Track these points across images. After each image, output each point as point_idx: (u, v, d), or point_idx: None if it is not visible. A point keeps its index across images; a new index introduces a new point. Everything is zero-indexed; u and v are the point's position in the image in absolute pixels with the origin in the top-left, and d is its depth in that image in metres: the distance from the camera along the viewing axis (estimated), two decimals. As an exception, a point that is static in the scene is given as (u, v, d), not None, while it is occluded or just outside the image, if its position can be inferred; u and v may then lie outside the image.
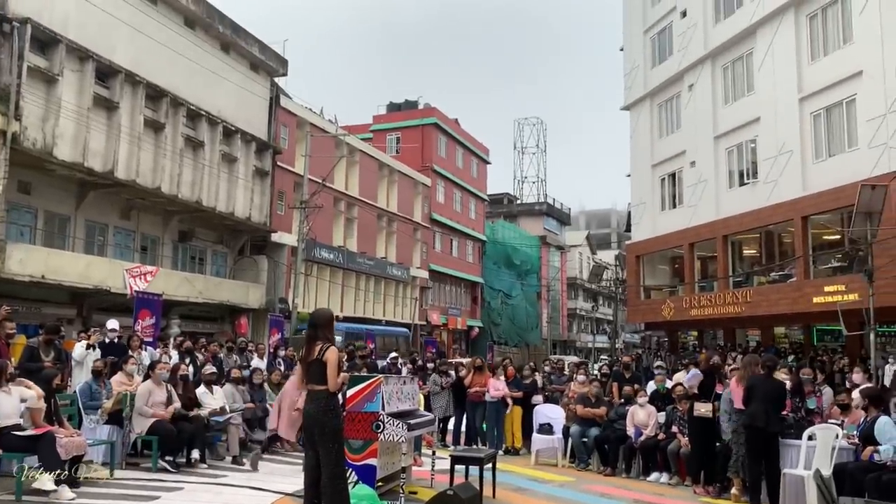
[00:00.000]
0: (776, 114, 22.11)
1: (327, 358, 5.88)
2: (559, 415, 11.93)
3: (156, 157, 22.99)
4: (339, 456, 5.96)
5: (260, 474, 9.20)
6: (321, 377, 5.98)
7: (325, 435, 5.95)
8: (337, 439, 5.98)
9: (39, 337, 10.23)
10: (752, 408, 8.43)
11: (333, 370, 5.89)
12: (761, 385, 8.51)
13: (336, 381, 6.01)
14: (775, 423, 8.46)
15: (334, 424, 5.98)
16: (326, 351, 5.92)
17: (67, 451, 7.49)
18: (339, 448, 6.02)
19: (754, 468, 8.45)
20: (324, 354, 5.91)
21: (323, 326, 6.19)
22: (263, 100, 28.89)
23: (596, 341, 67.09)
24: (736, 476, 8.76)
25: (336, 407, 6.02)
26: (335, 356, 5.93)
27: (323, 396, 6.01)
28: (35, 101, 18.83)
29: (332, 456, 5.87)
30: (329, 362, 5.87)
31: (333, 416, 5.95)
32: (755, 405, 8.41)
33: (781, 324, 25.13)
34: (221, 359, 13.19)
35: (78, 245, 21.56)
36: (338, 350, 6.07)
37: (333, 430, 5.97)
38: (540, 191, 72.09)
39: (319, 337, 6.12)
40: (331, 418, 5.95)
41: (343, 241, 34.43)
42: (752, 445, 8.44)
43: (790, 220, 21.27)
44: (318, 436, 6.08)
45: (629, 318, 36.43)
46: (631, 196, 31.76)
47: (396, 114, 45.32)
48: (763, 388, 8.47)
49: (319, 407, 6.05)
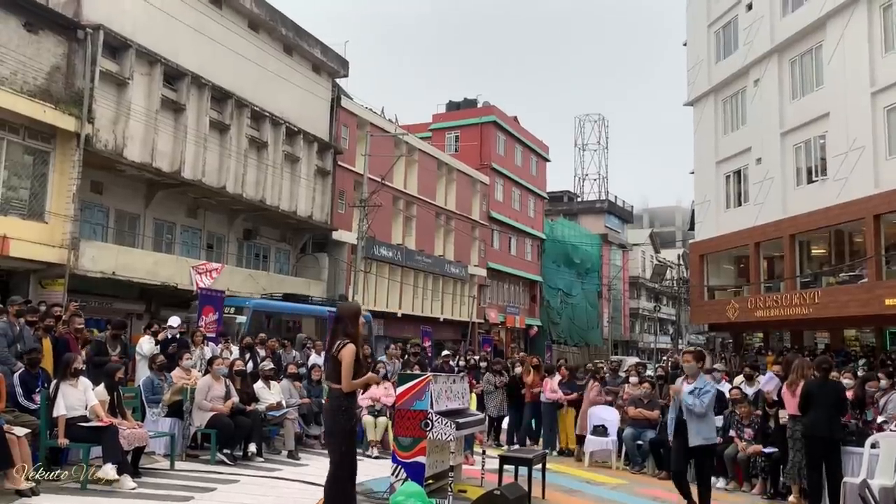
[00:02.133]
0: (846, 109, 21.33)
1: (342, 356, 5.58)
2: (614, 417, 11.79)
3: (221, 158, 23.62)
4: (343, 458, 5.63)
5: (313, 468, 9.39)
6: (336, 375, 5.69)
7: (332, 435, 5.75)
8: (344, 441, 5.66)
9: (107, 332, 10.65)
10: (813, 415, 8.13)
11: (347, 370, 5.56)
12: (819, 390, 8.19)
13: (349, 381, 5.62)
14: (838, 431, 8.16)
15: (342, 425, 5.64)
16: (342, 348, 5.60)
17: (129, 442, 7.80)
18: (347, 450, 5.67)
19: (814, 476, 8.17)
20: (339, 352, 5.61)
21: (345, 321, 5.81)
22: (325, 101, 29.36)
23: (658, 342, 65.93)
24: (794, 483, 8.51)
25: (349, 408, 5.69)
26: (350, 354, 5.58)
27: (335, 395, 5.73)
28: (107, 104, 19.58)
29: (337, 456, 5.61)
30: (343, 360, 5.56)
31: (344, 417, 5.64)
32: (816, 412, 8.11)
33: (851, 326, 24.27)
34: (280, 355, 13.49)
35: (147, 243, 22.34)
36: (356, 348, 5.66)
37: (342, 431, 5.65)
38: (601, 188, 71.19)
39: (340, 332, 5.79)
40: (339, 419, 5.65)
41: (402, 238, 34.72)
42: (813, 454, 8.16)
43: (861, 218, 20.50)
44: (327, 435, 5.99)
45: (693, 319, 35.67)
46: (695, 194, 31.13)
47: (455, 112, 45.40)
48: (821, 392, 8.15)
49: (331, 406, 5.83)
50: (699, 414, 7.35)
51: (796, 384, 8.44)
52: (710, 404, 7.47)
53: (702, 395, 7.33)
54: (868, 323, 22.99)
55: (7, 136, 17.55)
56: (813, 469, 8.18)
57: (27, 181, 18.17)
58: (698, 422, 7.38)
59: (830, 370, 8.61)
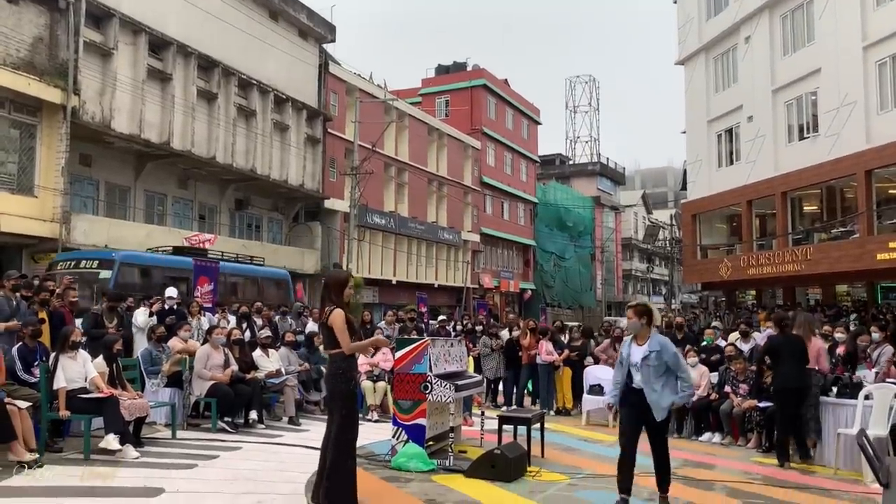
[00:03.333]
0: (838, 64, 21.24)
1: (331, 322, 5.68)
2: (610, 376, 11.89)
3: (210, 128, 23.42)
4: (344, 420, 5.73)
5: (314, 433, 9.47)
6: (329, 341, 5.84)
7: (333, 399, 5.88)
8: (345, 404, 5.75)
9: (103, 304, 10.64)
10: (784, 369, 8.45)
11: (342, 333, 5.67)
12: (782, 345, 8.55)
13: (348, 343, 5.72)
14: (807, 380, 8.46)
15: (341, 388, 5.75)
16: (331, 315, 5.71)
17: (131, 412, 7.84)
18: (347, 413, 5.76)
19: (789, 428, 8.49)
20: (328, 318, 5.73)
21: (331, 288, 5.91)
22: (313, 67, 29.04)
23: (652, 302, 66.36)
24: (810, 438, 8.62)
25: (346, 371, 5.77)
26: (340, 318, 5.67)
27: (334, 360, 5.86)
28: (92, 75, 19.33)
29: (338, 419, 5.73)
30: (335, 325, 5.67)
31: (342, 380, 5.75)
32: (785, 366, 8.44)
33: (843, 282, 24.48)
34: (276, 323, 13.53)
35: (138, 215, 22.23)
36: (343, 313, 5.71)
37: (341, 393, 5.76)
38: (593, 150, 71.00)
39: (327, 300, 5.91)
40: (339, 382, 5.76)
41: (394, 206, 34.65)
42: (786, 406, 8.43)
43: (853, 174, 20.55)
44: (329, 399, 6.13)
45: (686, 279, 35.93)
46: (687, 153, 31.10)
47: (445, 76, 45.02)
48: (785, 347, 8.51)
49: (329, 370, 5.99)
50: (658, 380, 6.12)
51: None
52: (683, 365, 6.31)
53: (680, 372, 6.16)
54: (859, 278, 23.17)
55: (-8, 109, 17.36)
56: (789, 422, 8.45)
57: (15, 155, 18.00)
58: (662, 388, 6.12)
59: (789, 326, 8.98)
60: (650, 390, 6.09)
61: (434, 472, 7.23)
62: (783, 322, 8.98)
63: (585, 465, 8.17)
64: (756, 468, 8.29)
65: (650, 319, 6.22)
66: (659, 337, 6.28)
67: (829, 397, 8.62)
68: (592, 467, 8.00)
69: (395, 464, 7.41)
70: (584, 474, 7.61)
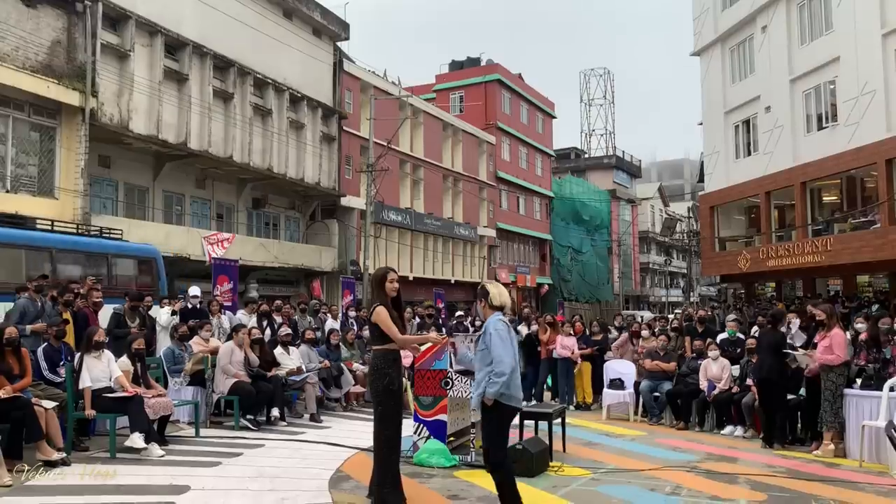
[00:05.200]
0: (857, 52, 20.96)
1: (375, 319, 5.73)
2: (630, 370, 11.88)
3: (226, 127, 23.54)
4: (382, 416, 5.73)
5: (335, 430, 9.53)
6: (373, 337, 5.94)
7: (373, 395, 5.95)
8: (381, 400, 5.76)
9: (125, 305, 10.75)
10: (760, 361, 9.35)
11: (387, 326, 5.68)
12: (763, 338, 9.57)
13: (398, 334, 5.73)
14: (773, 372, 9.07)
15: (377, 385, 5.79)
16: (373, 313, 5.77)
17: (155, 411, 7.93)
18: (384, 410, 5.74)
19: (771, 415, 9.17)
20: (371, 316, 5.80)
21: (373, 285, 6.03)
22: (327, 65, 29.12)
23: (669, 295, 66.07)
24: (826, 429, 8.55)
25: (383, 368, 5.76)
26: (383, 314, 5.70)
27: (374, 356, 5.93)
28: (109, 77, 19.49)
29: (376, 415, 5.77)
30: (379, 321, 5.70)
31: (378, 376, 5.78)
32: (760, 358, 9.34)
33: (864, 272, 24.20)
34: (296, 321, 13.59)
35: (157, 215, 22.40)
36: (385, 308, 5.75)
37: (376, 390, 5.80)
38: (609, 144, 70.74)
39: (373, 298, 6.05)
40: (375, 379, 5.81)
41: (410, 202, 34.68)
42: (763, 394, 9.24)
43: (873, 163, 20.27)
44: (370, 395, 6.23)
45: (704, 271, 35.65)
46: (704, 145, 30.85)
47: (459, 72, 44.94)
48: (766, 339, 9.42)
49: (371, 367, 6.05)
50: (481, 371, 5.27)
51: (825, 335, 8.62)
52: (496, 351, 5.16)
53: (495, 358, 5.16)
54: (881, 268, 22.87)
55: (12, 113, 17.54)
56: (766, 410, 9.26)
57: (35, 158, 18.20)
58: (482, 381, 5.24)
59: (779, 321, 9.95)
60: (475, 383, 5.38)
61: (456, 468, 7.26)
62: (776, 317, 9.86)
63: (608, 459, 8.16)
64: (779, 461, 8.24)
65: (486, 300, 5.43)
66: (492, 319, 5.33)
67: (853, 389, 8.54)
68: (615, 462, 7.99)
69: (417, 460, 7.44)
70: (606, 469, 7.61)
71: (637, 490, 6.65)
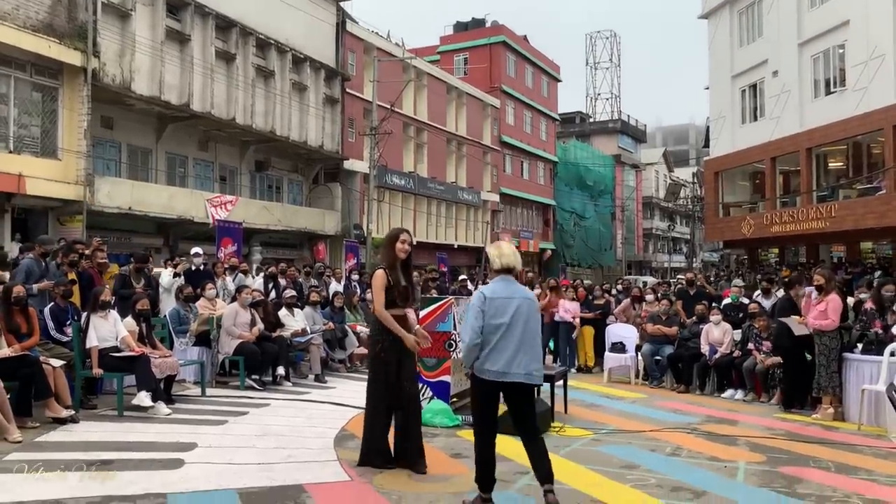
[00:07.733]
0: (867, 15, 20.69)
1: (372, 281, 5.68)
2: (632, 334, 11.95)
3: (229, 89, 23.37)
4: (371, 381, 5.74)
5: (339, 391, 9.64)
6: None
7: (368, 359, 6.02)
8: (372, 367, 5.79)
9: (130, 266, 10.80)
10: (779, 326, 9.50)
11: (377, 293, 5.62)
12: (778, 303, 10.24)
13: (381, 302, 5.57)
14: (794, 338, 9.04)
15: (370, 352, 5.81)
16: (372, 276, 5.70)
17: (161, 370, 8.01)
18: (374, 375, 5.73)
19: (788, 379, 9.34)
20: (370, 278, 5.88)
21: (384, 245, 5.87)
22: (330, 26, 28.76)
23: (672, 261, 66.09)
24: (825, 392, 8.61)
25: (377, 333, 5.71)
26: (377, 279, 5.61)
27: (373, 321, 5.86)
28: (111, 36, 19.30)
29: (369, 378, 5.79)
30: (372, 285, 5.66)
31: (372, 342, 5.79)
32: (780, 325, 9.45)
33: (868, 239, 24.20)
34: (301, 283, 13.66)
35: (161, 177, 22.37)
36: (384, 273, 5.61)
37: (369, 356, 5.85)
38: (614, 108, 70.14)
39: (381, 258, 5.95)
40: (371, 344, 5.83)
41: (413, 166, 34.53)
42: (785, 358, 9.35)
43: (880, 129, 20.16)
44: None
45: (707, 237, 35.66)
46: (710, 110, 30.62)
47: (463, 34, 44.39)
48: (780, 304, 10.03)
49: (369, 332, 6.12)
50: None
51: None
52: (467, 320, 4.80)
53: None
54: (885, 235, 22.88)
55: (14, 73, 17.41)
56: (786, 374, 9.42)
57: (38, 118, 18.12)
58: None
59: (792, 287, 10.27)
60: None
61: (459, 428, 7.34)
62: (790, 284, 10.35)
63: (608, 420, 8.25)
64: (779, 423, 8.33)
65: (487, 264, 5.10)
66: (481, 287, 5.07)
67: (853, 353, 8.60)
68: (615, 423, 8.09)
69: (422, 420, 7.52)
70: (607, 430, 7.70)
71: (637, 450, 6.74)
